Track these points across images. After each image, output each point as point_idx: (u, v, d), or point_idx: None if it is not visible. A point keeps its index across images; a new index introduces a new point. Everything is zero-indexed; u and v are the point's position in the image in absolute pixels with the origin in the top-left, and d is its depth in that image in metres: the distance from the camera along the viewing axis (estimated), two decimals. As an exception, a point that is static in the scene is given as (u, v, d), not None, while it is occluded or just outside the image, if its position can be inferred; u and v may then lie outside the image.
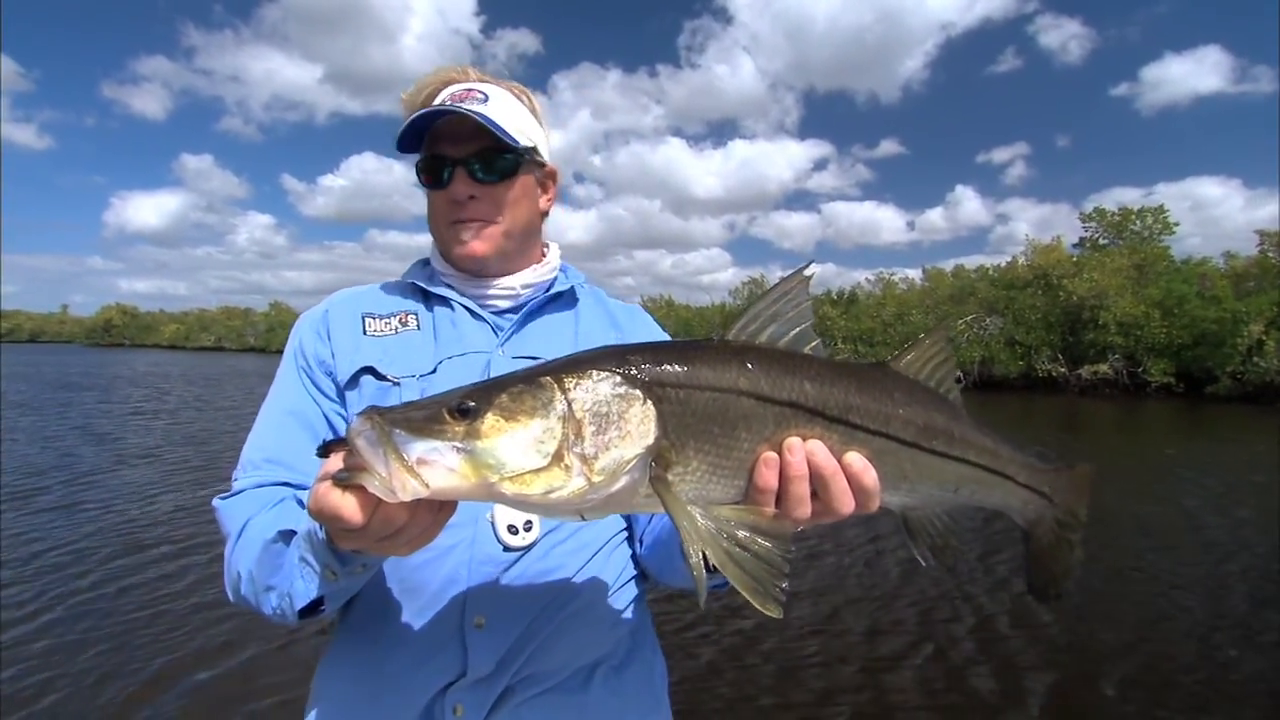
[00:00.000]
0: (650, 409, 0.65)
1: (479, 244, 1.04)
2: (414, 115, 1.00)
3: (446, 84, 1.07)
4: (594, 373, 0.66)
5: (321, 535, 0.74)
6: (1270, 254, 28.82)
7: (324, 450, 0.64)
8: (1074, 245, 32.98)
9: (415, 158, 1.07)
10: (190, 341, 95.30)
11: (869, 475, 0.72)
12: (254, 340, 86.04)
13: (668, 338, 1.19)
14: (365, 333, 1.04)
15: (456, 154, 1.02)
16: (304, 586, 0.79)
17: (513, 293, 1.10)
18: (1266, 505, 8.04)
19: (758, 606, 0.64)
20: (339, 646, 0.99)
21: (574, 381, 0.65)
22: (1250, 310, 23.94)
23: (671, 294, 60.35)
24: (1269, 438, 14.78)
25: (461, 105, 1.00)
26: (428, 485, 0.59)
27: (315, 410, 1.00)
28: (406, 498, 0.59)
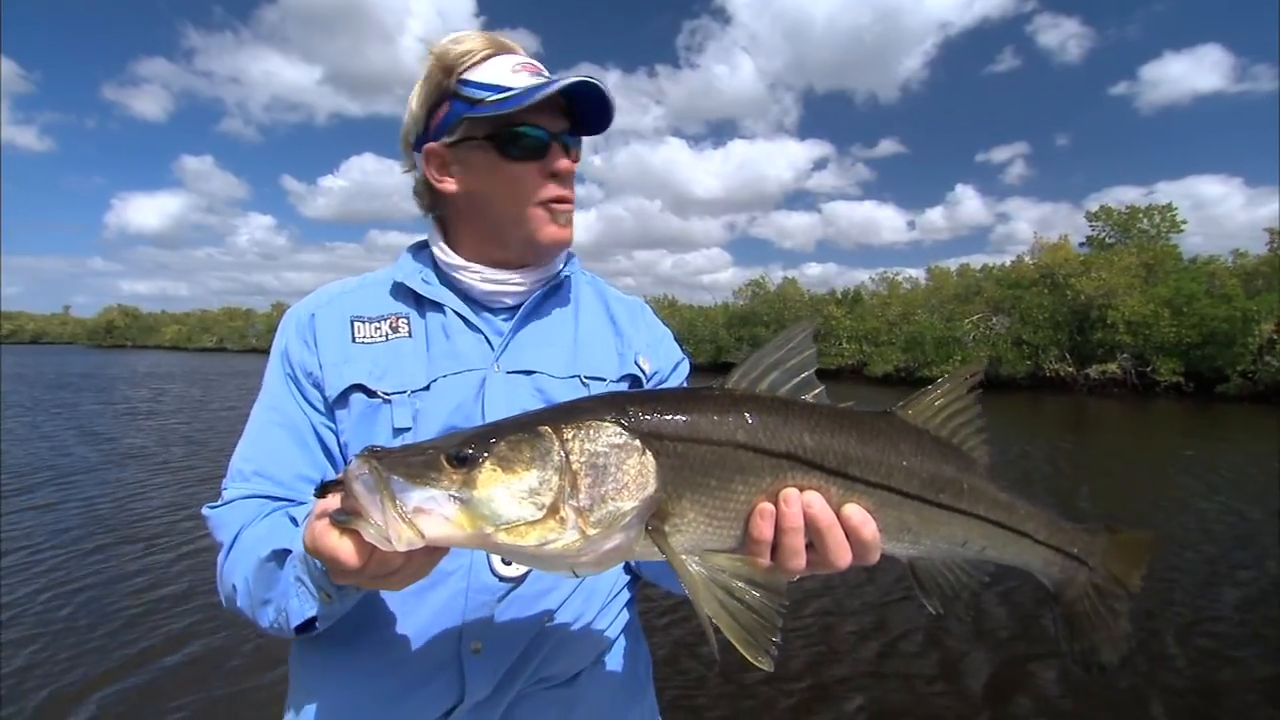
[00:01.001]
0: (649, 461, 0.65)
1: (569, 230, 1.02)
2: (561, 81, 0.92)
3: (501, 50, 0.98)
4: (593, 423, 0.65)
5: (318, 562, 0.73)
6: (1280, 252, 28.60)
7: (321, 491, 0.65)
8: (1081, 244, 32.78)
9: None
10: (192, 342, 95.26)
11: (868, 528, 0.70)
12: (255, 341, 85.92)
13: (670, 335, 1.18)
14: (354, 340, 0.98)
15: (554, 128, 0.97)
16: (299, 605, 0.79)
17: (524, 288, 1.04)
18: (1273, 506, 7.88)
19: (748, 658, 0.64)
20: (316, 658, 0.94)
21: (572, 432, 0.64)
22: (1261, 309, 23.69)
23: (674, 294, 60.13)
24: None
25: (552, 76, 0.95)
26: (423, 535, 0.59)
27: (304, 420, 0.96)
28: (402, 548, 0.59)
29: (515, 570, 0.92)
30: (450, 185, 1.00)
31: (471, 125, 0.95)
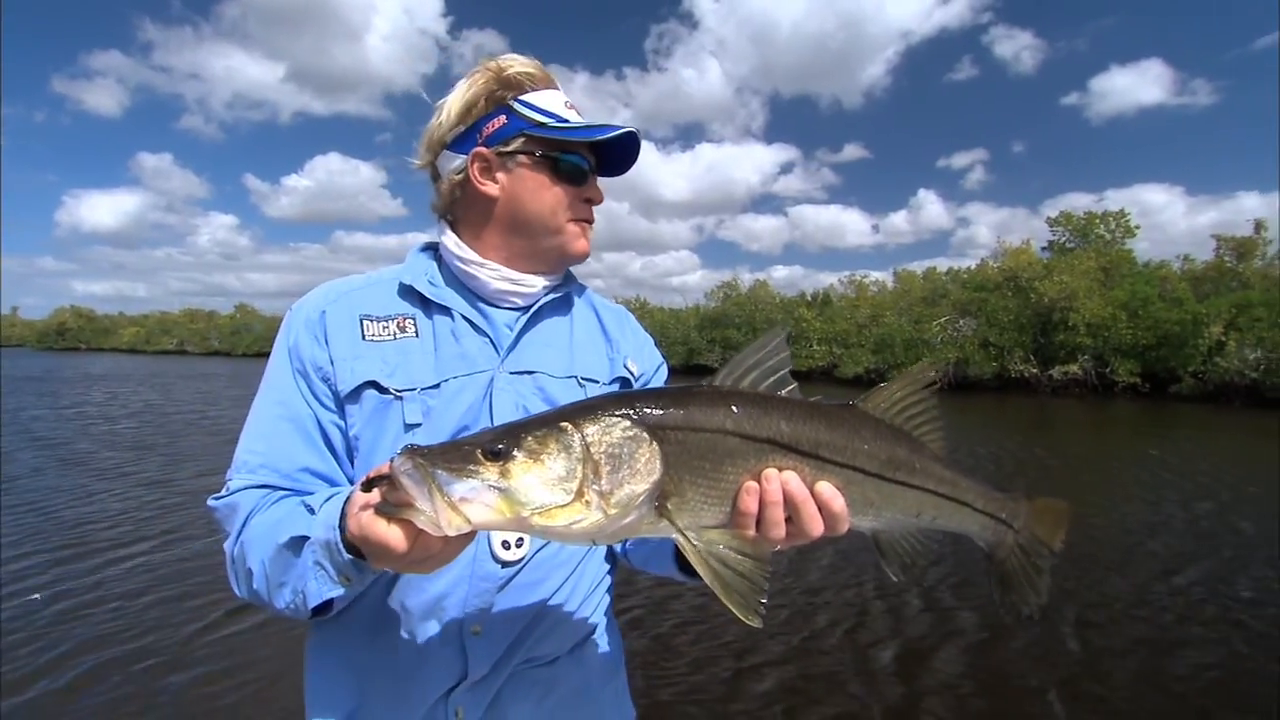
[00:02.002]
0: (656, 449, 0.74)
1: (588, 243, 1.14)
2: (611, 132, 1.05)
3: (554, 83, 1.11)
4: (607, 418, 0.74)
5: (341, 547, 0.79)
6: (1226, 258, 29.84)
7: (368, 484, 0.71)
8: (1043, 248, 33.75)
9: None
10: (151, 345, 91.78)
11: (837, 502, 0.81)
12: (218, 343, 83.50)
13: (651, 341, 1.30)
14: (364, 337, 1.03)
15: (591, 161, 1.11)
16: (318, 588, 0.83)
17: (533, 291, 1.12)
18: (1223, 501, 8.31)
19: (740, 616, 0.73)
20: (334, 643, 1.02)
21: (591, 426, 0.73)
22: (1210, 312, 24.69)
23: (645, 297, 60.24)
24: (1229, 436, 15.24)
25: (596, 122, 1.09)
26: (470, 521, 0.66)
27: (310, 415, 0.99)
28: (452, 532, 0.66)
29: (513, 554, 1.00)
30: (492, 189, 1.07)
31: (529, 142, 1.05)
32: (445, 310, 1.07)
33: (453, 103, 1.07)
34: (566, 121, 1.06)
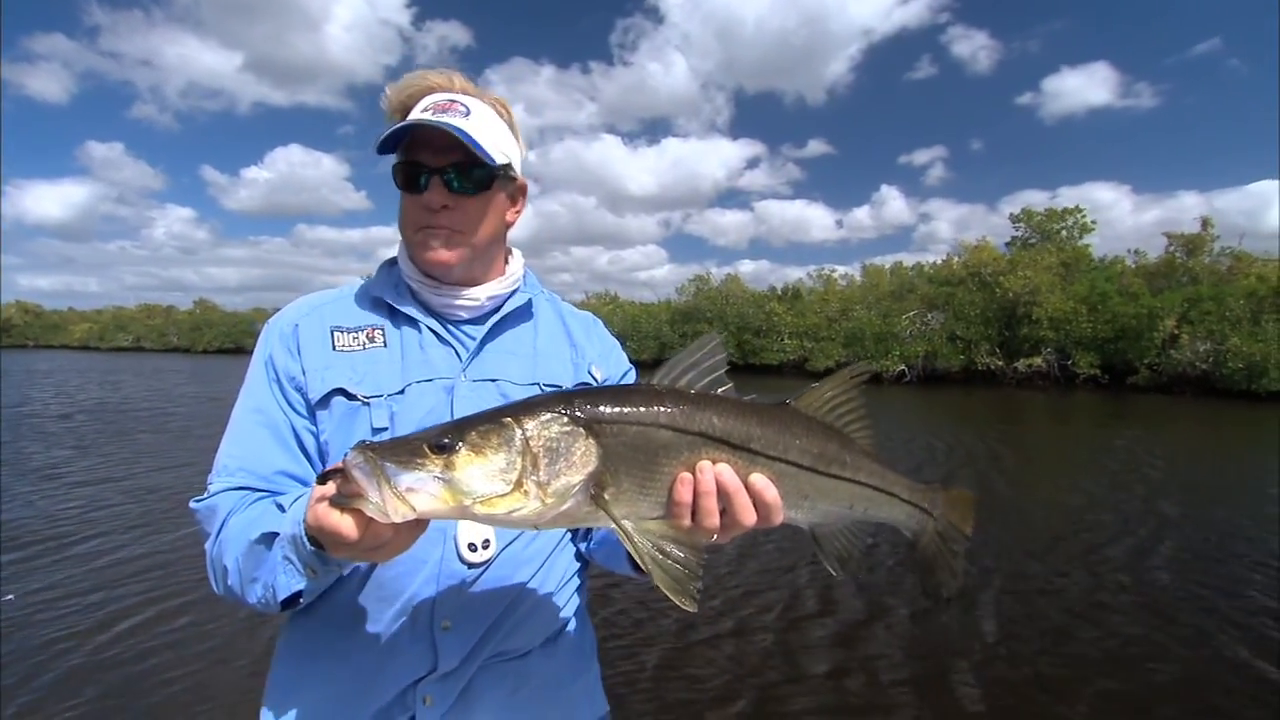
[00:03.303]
0: (591, 443, 0.78)
1: (446, 253, 1.09)
2: (395, 126, 1.04)
3: (430, 91, 1.10)
4: (546, 414, 0.78)
5: (305, 540, 0.82)
6: (1177, 254, 30.94)
7: (323, 478, 0.75)
8: (1005, 245, 34.55)
9: (393, 157, 1.10)
10: (105, 341, 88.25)
11: (769, 492, 0.84)
12: (177, 340, 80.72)
13: (619, 346, 1.32)
14: (334, 348, 1.08)
15: (434, 163, 1.06)
16: (286, 581, 0.88)
17: (477, 304, 1.15)
18: (1157, 487, 8.68)
19: (676, 602, 0.78)
20: (305, 637, 1.05)
21: (530, 421, 0.77)
22: (1164, 306, 25.58)
23: (615, 291, 60.10)
24: (1182, 426, 15.81)
25: (443, 116, 1.05)
26: (415, 509, 0.71)
27: (285, 422, 1.05)
28: (398, 519, 0.71)
29: (480, 556, 1.04)
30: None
31: (396, 158, 1.09)
32: (412, 321, 1.12)
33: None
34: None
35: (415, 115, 1.05)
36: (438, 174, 1.06)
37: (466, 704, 1.03)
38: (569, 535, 1.19)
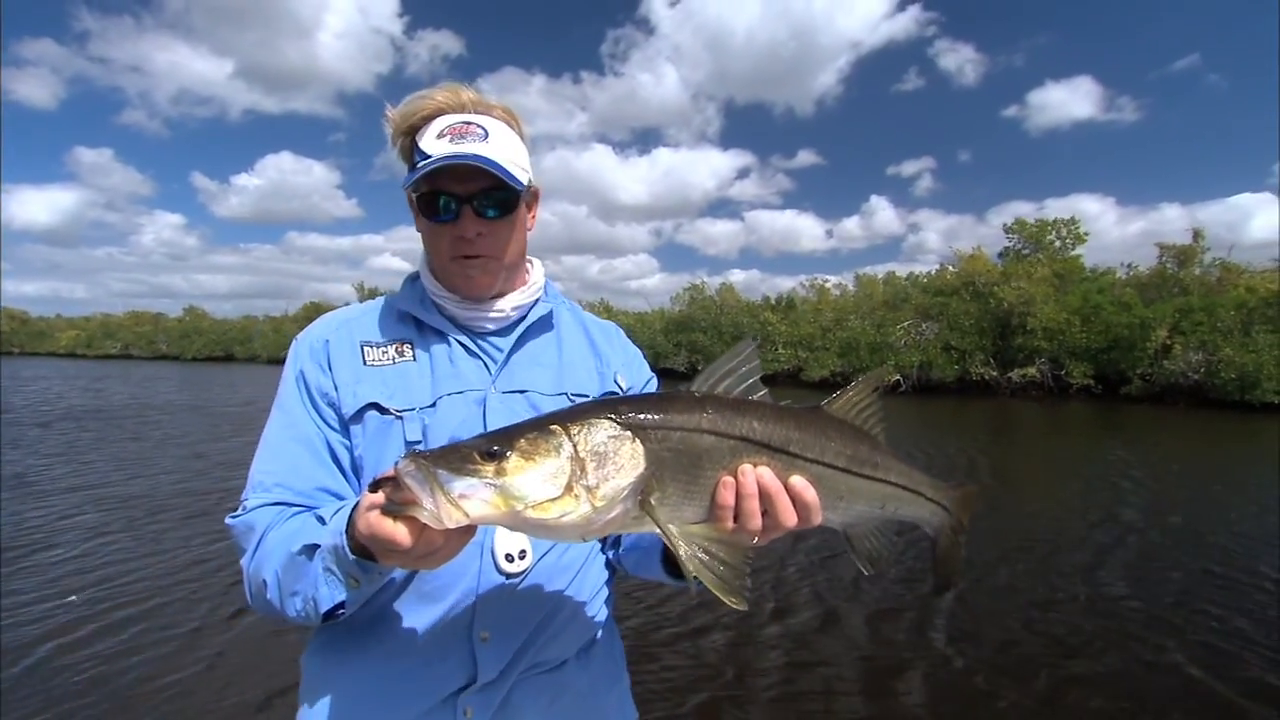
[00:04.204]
0: (638, 447, 0.79)
1: (486, 279, 1.12)
2: (429, 165, 1.02)
3: (439, 111, 1.08)
4: (593, 420, 0.80)
5: (348, 550, 0.84)
6: (1169, 265, 31.20)
7: (374, 486, 0.76)
8: (998, 255, 34.71)
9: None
10: (93, 349, 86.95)
11: (809, 493, 0.86)
12: (166, 347, 79.83)
13: (640, 355, 1.34)
14: (365, 363, 1.09)
15: (461, 191, 1.05)
16: (329, 592, 0.88)
17: (503, 315, 1.16)
18: (1157, 496, 8.64)
19: (726, 601, 0.78)
20: (340, 645, 1.04)
21: (578, 428, 0.78)
22: (1157, 316, 25.72)
23: (607, 300, 60.16)
24: (1174, 435, 15.85)
25: (463, 143, 1.04)
26: (469, 515, 0.71)
27: (320, 437, 1.05)
28: (452, 525, 0.71)
29: (516, 566, 1.04)
30: (420, 226, 1.13)
31: (414, 185, 1.07)
32: (440, 335, 1.13)
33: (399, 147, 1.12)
34: (428, 157, 1.04)
35: (432, 143, 1.04)
36: (467, 202, 1.05)
37: (506, 717, 1.03)
38: (599, 544, 1.20)
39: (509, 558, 1.04)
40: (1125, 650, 4.37)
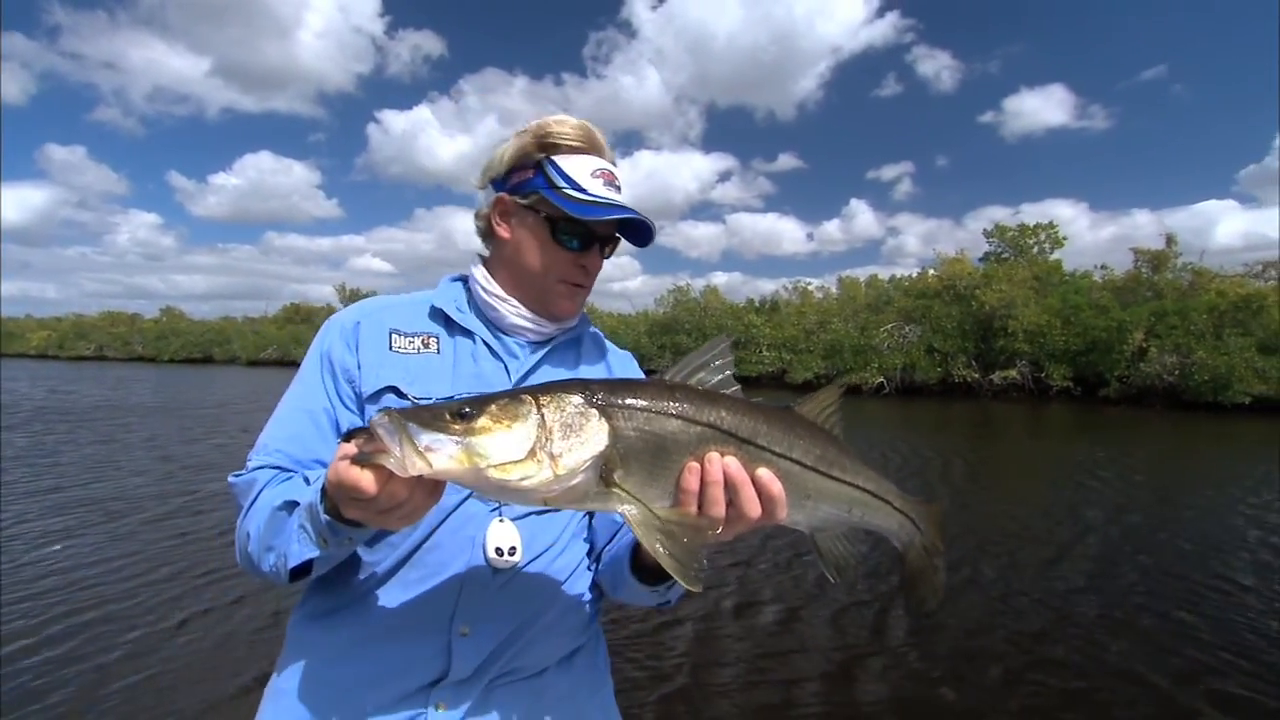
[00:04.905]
0: (603, 423, 0.81)
1: (578, 305, 1.23)
2: (616, 213, 1.12)
3: (580, 144, 1.15)
4: (562, 394, 0.83)
5: (321, 508, 0.86)
6: (1143, 269, 31.81)
7: (348, 436, 0.80)
8: (979, 259, 35.18)
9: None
10: (65, 350, 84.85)
11: (775, 486, 0.86)
12: (142, 349, 78.11)
13: None
14: (391, 348, 1.13)
15: (603, 232, 1.18)
16: (298, 549, 0.90)
17: (547, 331, 1.22)
18: (1117, 499, 8.79)
19: (682, 583, 0.81)
20: (323, 617, 1.06)
21: (548, 399, 0.81)
22: (1133, 319, 26.19)
23: (591, 302, 59.89)
24: (1148, 437, 16.13)
25: (612, 191, 1.15)
26: (431, 465, 0.74)
27: (330, 413, 1.10)
28: (414, 473, 0.74)
29: (506, 562, 1.05)
30: (504, 233, 1.19)
31: (541, 201, 1.13)
32: (468, 334, 1.18)
33: (505, 147, 1.18)
34: (584, 190, 1.12)
35: (588, 179, 1.13)
36: (598, 241, 1.18)
37: (481, 716, 1.03)
38: (587, 555, 1.21)
39: (499, 552, 1.05)
40: (1076, 644, 4.49)
